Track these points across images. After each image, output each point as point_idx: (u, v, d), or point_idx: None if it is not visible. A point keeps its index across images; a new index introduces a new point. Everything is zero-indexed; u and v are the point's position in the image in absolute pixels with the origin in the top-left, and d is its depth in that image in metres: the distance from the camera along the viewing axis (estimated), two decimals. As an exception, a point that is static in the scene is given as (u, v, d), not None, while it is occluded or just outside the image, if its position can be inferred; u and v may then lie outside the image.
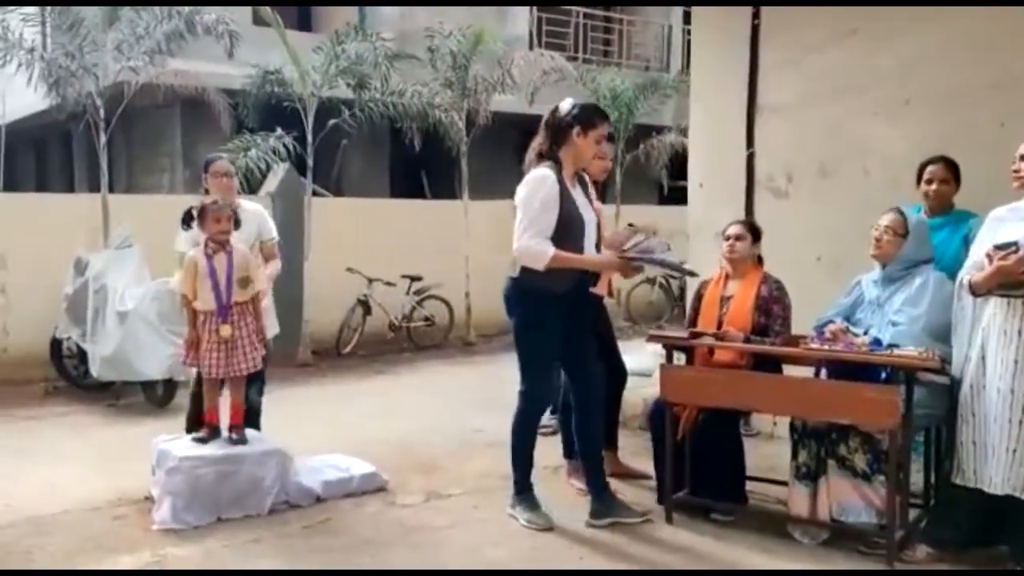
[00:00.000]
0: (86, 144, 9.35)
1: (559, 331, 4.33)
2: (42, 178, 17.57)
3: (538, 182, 4.21)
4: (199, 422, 4.84)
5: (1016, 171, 3.82)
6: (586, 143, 4.28)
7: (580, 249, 4.25)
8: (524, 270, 4.25)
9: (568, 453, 5.12)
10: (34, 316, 8.00)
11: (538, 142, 4.35)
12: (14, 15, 8.85)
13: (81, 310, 7.41)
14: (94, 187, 8.95)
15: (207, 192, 5.05)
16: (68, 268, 7.66)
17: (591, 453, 4.55)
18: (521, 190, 4.25)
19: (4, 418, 6.90)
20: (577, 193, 4.35)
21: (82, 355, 7.51)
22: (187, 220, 4.64)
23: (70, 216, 8.65)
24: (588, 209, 4.38)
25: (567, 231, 4.22)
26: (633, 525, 4.38)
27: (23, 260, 8.24)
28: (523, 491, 4.50)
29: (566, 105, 4.33)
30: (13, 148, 14.29)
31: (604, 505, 4.46)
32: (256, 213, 5.21)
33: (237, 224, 4.68)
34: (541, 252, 4.17)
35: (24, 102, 11.78)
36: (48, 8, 8.73)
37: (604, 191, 5.87)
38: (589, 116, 4.31)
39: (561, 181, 4.24)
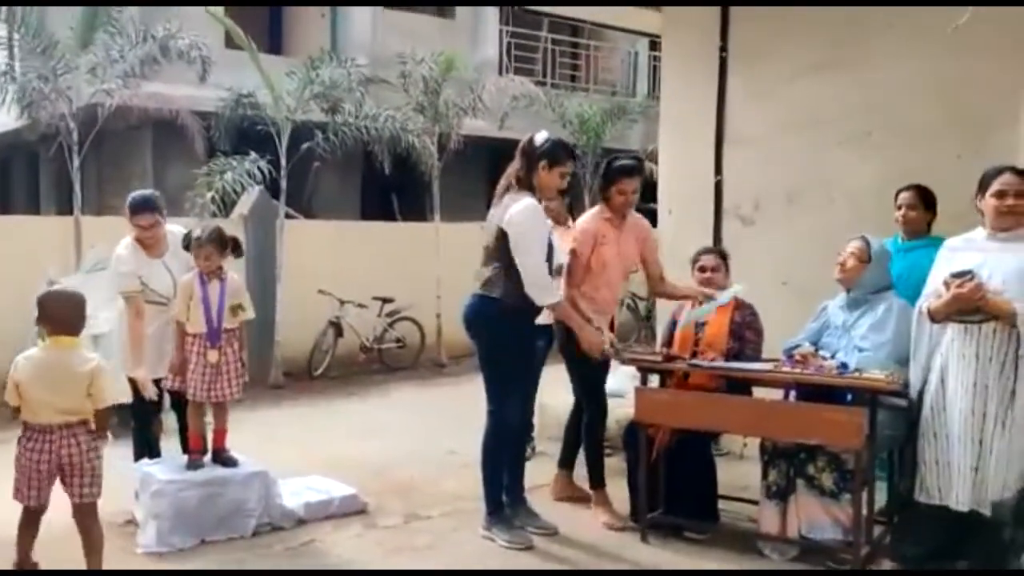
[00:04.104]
0: (54, 166, 9.31)
1: (532, 351, 4.49)
2: (5, 200, 17.38)
3: (537, 211, 4.39)
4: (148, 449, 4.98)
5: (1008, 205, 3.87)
6: (550, 177, 4.45)
7: (549, 272, 4.46)
8: (506, 291, 4.36)
9: (562, 462, 5.29)
10: (4, 340, 7.92)
11: (514, 168, 4.50)
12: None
13: (54, 333, 7.36)
14: (62, 209, 8.95)
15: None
16: (39, 291, 7.60)
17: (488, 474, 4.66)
18: (521, 217, 4.33)
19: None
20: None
21: (55, 378, 7.45)
22: (188, 246, 4.72)
23: (38, 239, 8.60)
24: (554, 235, 4.65)
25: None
26: (609, 544, 4.51)
27: (-8, 283, 8.18)
28: (496, 512, 4.61)
29: (540, 138, 4.48)
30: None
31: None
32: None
33: (239, 252, 4.78)
34: (552, 292, 4.42)
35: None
36: (16, 32, 8.70)
37: (572, 213, 6.04)
38: (556, 152, 4.46)
39: None
